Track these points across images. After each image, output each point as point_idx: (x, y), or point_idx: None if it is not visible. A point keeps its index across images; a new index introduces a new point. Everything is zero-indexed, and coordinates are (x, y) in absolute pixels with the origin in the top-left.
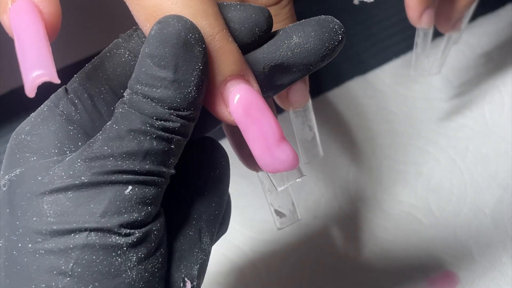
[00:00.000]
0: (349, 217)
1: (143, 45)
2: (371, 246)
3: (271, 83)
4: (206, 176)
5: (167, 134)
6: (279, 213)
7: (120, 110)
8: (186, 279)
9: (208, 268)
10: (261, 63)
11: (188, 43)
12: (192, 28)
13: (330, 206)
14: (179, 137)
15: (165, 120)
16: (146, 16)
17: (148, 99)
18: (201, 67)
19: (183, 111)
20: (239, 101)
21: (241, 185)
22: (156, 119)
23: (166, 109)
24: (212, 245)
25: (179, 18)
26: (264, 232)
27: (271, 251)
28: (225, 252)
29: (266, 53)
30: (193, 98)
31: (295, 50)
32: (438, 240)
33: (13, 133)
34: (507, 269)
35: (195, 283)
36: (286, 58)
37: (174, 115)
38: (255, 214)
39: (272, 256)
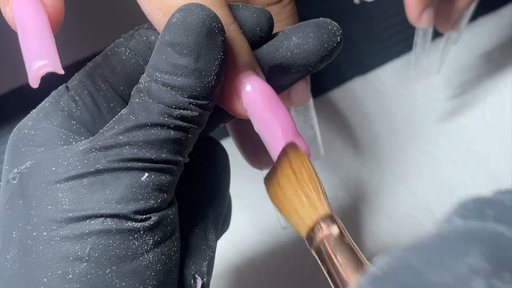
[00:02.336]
0: (349, 217)
1: (162, 33)
2: (371, 246)
3: (270, 84)
4: (208, 174)
5: (184, 124)
6: None
7: (137, 100)
8: (196, 276)
9: None
10: (261, 63)
11: (212, 32)
12: (216, 17)
13: None
14: (195, 126)
15: (184, 109)
16: (159, 5)
17: (168, 87)
18: (222, 57)
19: (202, 100)
20: (256, 92)
21: (240, 186)
22: (175, 108)
23: (186, 97)
24: (217, 241)
25: (202, 7)
26: (263, 232)
27: (270, 251)
28: (225, 253)
29: (265, 53)
30: (212, 87)
31: (295, 51)
32: None
33: (14, 129)
34: None
35: (205, 279)
36: (285, 59)
37: (193, 104)
38: (255, 215)
39: (272, 257)
